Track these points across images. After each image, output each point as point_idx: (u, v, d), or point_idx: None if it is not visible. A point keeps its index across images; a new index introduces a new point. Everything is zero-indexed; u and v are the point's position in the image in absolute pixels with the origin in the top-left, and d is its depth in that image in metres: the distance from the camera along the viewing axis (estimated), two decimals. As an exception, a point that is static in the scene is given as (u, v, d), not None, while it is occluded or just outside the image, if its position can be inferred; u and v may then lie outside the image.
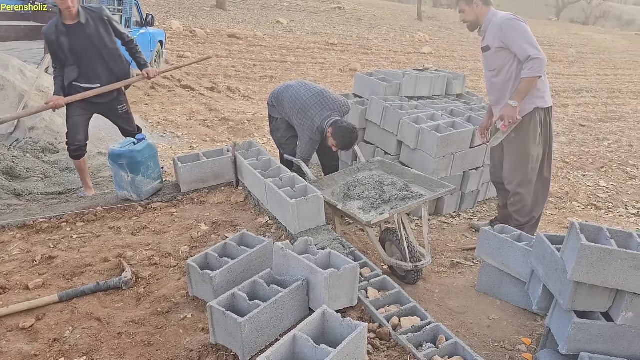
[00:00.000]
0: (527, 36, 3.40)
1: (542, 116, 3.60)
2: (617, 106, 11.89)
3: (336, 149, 3.77)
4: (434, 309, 2.93)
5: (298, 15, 20.09)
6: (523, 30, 3.42)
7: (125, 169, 3.80)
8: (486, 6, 3.59)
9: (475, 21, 3.64)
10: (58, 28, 3.92)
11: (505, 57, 3.52)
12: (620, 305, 2.35)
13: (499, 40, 3.48)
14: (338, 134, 3.62)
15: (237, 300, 2.33)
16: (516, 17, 3.49)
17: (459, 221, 4.55)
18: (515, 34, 3.42)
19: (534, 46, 3.39)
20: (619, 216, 5.14)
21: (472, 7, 3.59)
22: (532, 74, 3.37)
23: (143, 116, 7.65)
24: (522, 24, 3.45)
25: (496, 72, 3.62)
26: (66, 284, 2.80)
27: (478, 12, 3.60)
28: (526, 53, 3.37)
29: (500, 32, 3.46)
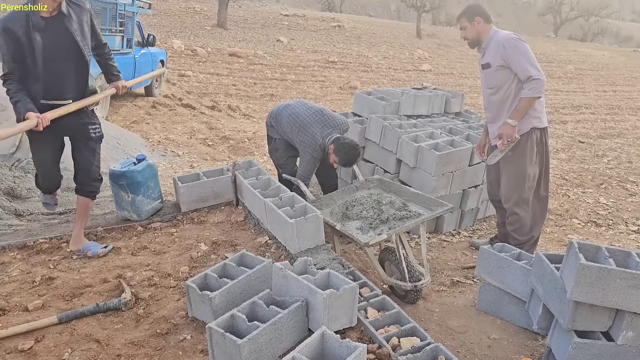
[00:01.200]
0: (529, 57, 3.44)
1: (538, 136, 3.63)
2: (616, 122, 11.94)
3: (337, 165, 3.80)
4: (434, 329, 2.92)
5: (298, 33, 20.31)
6: (525, 50, 3.46)
7: (125, 189, 3.82)
8: (487, 24, 3.63)
9: (476, 38, 3.67)
10: (31, 21, 2.96)
11: (506, 76, 3.55)
12: (621, 325, 2.35)
13: (501, 58, 3.51)
14: (340, 151, 3.65)
15: (236, 322, 2.33)
16: (519, 37, 3.53)
17: (459, 239, 4.55)
18: (518, 54, 3.45)
19: (536, 67, 3.43)
20: (619, 233, 5.13)
21: (474, 24, 3.63)
22: (532, 94, 3.41)
23: (144, 135, 7.70)
24: (525, 44, 3.49)
25: (495, 90, 3.65)
26: (65, 305, 2.80)
27: (479, 29, 3.63)
28: (528, 73, 3.41)
29: (502, 50, 3.49)
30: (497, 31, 3.62)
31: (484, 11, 3.64)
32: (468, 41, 3.73)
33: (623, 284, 2.26)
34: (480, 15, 3.61)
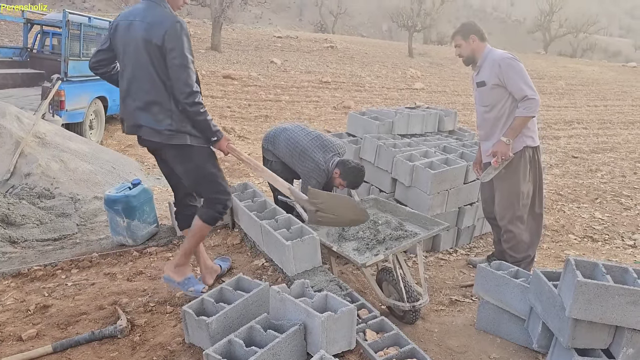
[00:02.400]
0: (524, 76, 3.48)
1: (530, 154, 3.65)
2: (608, 137, 12.04)
3: (343, 188, 3.84)
4: (433, 349, 2.89)
5: (292, 54, 20.49)
6: (520, 70, 3.50)
7: (120, 214, 3.81)
8: (482, 42, 3.67)
9: (471, 56, 3.70)
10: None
11: (501, 95, 3.58)
12: (621, 342, 2.34)
13: (496, 77, 3.53)
14: (348, 174, 3.72)
15: (234, 347, 2.30)
16: (514, 56, 3.56)
17: (456, 257, 4.54)
18: (513, 73, 3.49)
19: (530, 87, 3.47)
20: (615, 248, 5.14)
21: (469, 42, 3.66)
22: (527, 114, 3.45)
23: (139, 159, 7.70)
24: (520, 64, 3.53)
25: (489, 108, 3.67)
26: (60, 334, 2.77)
27: (474, 47, 3.66)
28: (523, 93, 3.45)
29: (498, 69, 3.52)
30: (492, 49, 3.66)
31: (479, 29, 3.68)
32: (463, 59, 3.76)
33: (621, 300, 2.26)
34: (475, 34, 3.65)
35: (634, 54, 56.55)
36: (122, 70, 2.84)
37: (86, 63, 8.10)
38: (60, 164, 5.54)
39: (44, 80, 7.96)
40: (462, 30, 3.70)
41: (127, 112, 2.83)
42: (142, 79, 2.71)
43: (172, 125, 2.72)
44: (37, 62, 9.11)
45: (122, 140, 8.75)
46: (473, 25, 3.72)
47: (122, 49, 2.78)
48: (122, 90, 2.83)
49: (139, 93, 2.74)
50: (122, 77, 2.83)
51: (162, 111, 2.71)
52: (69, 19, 7.18)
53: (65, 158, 5.66)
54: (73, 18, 7.42)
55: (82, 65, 7.65)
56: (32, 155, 5.42)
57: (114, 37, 2.82)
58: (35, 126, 5.77)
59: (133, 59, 2.72)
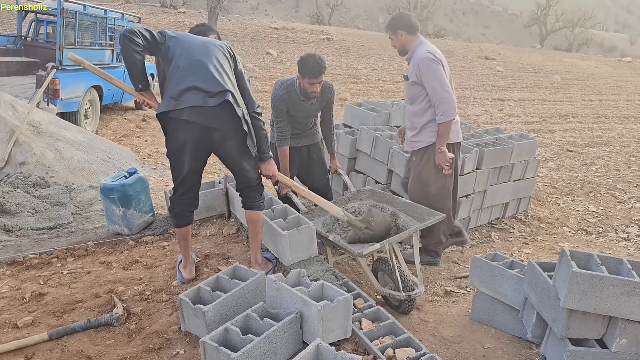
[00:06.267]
0: (440, 78, 3.51)
1: (450, 151, 3.72)
2: (603, 131, 12.08)
3: (314, 86, 3.67)
4: (428, 339, 2.91)
5: (288, 46, 20.40)
6: (436, 71, 3.52)
7: (117, 203, 3.79)
8: (411, 35, 3.68)
9: (402, 49, 3.75)
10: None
11: (419, 92, 3.66)
12: (614, 332, 2.36)
13: (415, 76, 3.61)
14: (304, 67, 3.61)
15: (230, 335, 2.31)
16: (434, 57, 3.56)
17: (451, 248, 4.55)
18: (429, 75, 3.52)
19: (444, 89, 3.51)
20: (609, 241, 5.17)
21: (397, 37, 3.71)
22: (445, 119, 3.54)
23: (135, 149, 7.67)
24: (437, 66, 3.53)
25: (410, 102, 3.78)
26: (56, 322, 2.76)
27: (403, 42, 3.71)
28: (436, 95, 3.52)
29: (417, 69, 3.58)
30: (421, 44, 3.66)
31: (407, 23, 3.68)
32: (397, 50, 3.82)
33: (616, 291, 2.28)
34: (402, 29, 3.67)
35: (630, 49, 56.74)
36: None
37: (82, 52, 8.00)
38: (56, 153, 5.51)
39: (39, 68, 7.90)
40: (391, 25, 3.74)
41: None
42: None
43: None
44: (31, 50, 9.03)
45: (117, 130, 8.71)
46: (401, 19, 3.73)
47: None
48: None
49: None
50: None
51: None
52: (64, 7, 7.11)
53: (60, 147, 5.63)
54: (68, 6, 7.35)
55: (77, 53, 7.58)
56: (27, 144, 5.39)
57: None
58: (30, 115, 5.73)
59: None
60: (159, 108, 2.79)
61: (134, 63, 2.79)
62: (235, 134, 2.83)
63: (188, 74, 2.77)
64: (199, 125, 2.74)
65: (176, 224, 3.07)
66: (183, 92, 2.73)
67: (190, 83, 2.74)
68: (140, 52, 2.77)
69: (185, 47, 2.87)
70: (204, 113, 2.72)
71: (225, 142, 2.84)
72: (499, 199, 5.19)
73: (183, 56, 2.83)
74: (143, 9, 23.65)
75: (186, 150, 2.81)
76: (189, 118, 2.71)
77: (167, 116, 2.76)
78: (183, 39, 2.92)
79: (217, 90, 2.74)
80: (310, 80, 3.61)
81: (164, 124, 2.81)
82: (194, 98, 2.71)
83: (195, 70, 2.78)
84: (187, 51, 2.85)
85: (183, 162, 2.85)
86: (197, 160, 2.90)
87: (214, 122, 2.75)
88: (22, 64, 8.63)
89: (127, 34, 2.75)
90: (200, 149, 2.85)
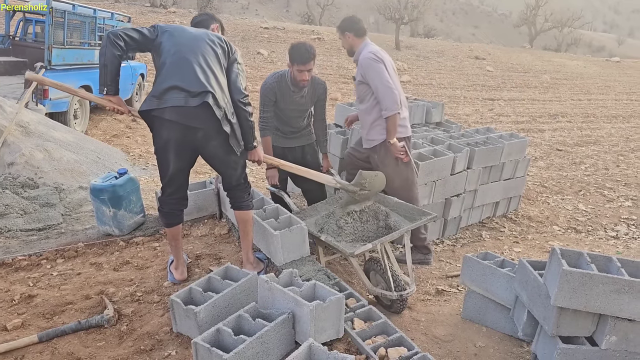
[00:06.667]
0: (381, 75, 3.62)
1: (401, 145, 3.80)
2: (591, 130, 12.19)
3: (303, 74, 3.63)
4: (420, 338, 2.92)
5: (278, 46, 20.37)
6: (378, 69, 3.63)
7: (107, 204, 3.77)
8: (358, 37, 3.80)
9: (350, 50, 3.87)
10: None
11: (366, 90, 3.76)
12: (604, 330, 2.38)
13: (361, 75, 3.73)
14: (292, 54, 3.60)
15: (222, 336, 2.30)
16: (376, 56, 3.66)
17: (442, 248, 4.58)
18: (372, 73, 3.63)
19: (386, 85, 3.62)
20: (598, 239, 5.22)
21: (345, 38, 3.83)
22: (389, 113, 3.63)
23: (125, 149, 7.62)
24: (379, 64, 3.64)
25: (359, 101, 3.90)
26: (46, 324, 2.74)
27: (351, 43, 3.82)
28: (378, 92, 3.63)
29: (362, 69, 3.70)
30: (366, 46, 3.77)
31: (355, 25, 3.81)
32: (347, 51, 3.93)
33: (605, 288, 2.30)
34: (349, 31, 3.79)
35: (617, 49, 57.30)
36: None
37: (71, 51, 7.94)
38: (44, 153, 5.45)
39: (27, 68, 7.82)
40: (340, 26, 3.87)
41: None
42: None
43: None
44: (19, 50, 8.94)
45: (107, 130, 8.65)
46: (349, 21, 3.85)
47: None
48: None
49: None
50: None
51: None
52: (52, 6, 7.05)
53: (49, 147, 5.58)
54: (57, 5, 7.29)
55: (66, 53, 7.53)
56: (15, 145, 5.33)
57: None
58: (18, 115, 5.67)
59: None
60: (141, 106, 2.77)
61: (105, 65, 2.76)
62: (218, 133, 2.81)
63: (172, 72, 2.75)
64: (180, 124, 2.72)
65: (166, 224, 3.05)
66: (165, 91, 2.71)
67: (172, 82, 2.72)
68: (118, 55, 2.75)
69: (174, 42, 2.84)
70: (184, 113, 2.70)
71: (208, 142, 2.83)
72: (490, 197, 5.22)
73: (171, 52, 2.81)
74: (132, 8, 23.48)
75: (170, 148, 2.80)
76: (170, 117, 2.70)
77: (150, 114, 2.75)
78: (174, 33, 2.88)
79: (198, 91, 2.71)
80: (299, 66, 3.60)
81: (149, 121, 2.80)
82: (176, 98, 2.70)
83: (179, 68, 2.76)
84: (175, 46, 2.82)
85: (168, 160, 2.85)
86: (182, 159, 2.88)
87: (195, 122, 2.74)
88: (10, 63, 8.54)
89: (111, 35, 2.74)
90: (184, 148, 2.84)
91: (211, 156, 2.92)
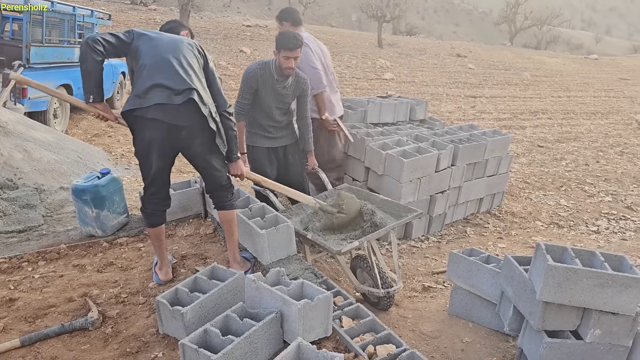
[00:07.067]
0: (307, 58, 4.00)
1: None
2: (571, 127, 12.37)
3: (290, 61, 3.60)
4: (408, 335, 2.93)
5: (261, 44, 20.26)
6: (305, 53, 3.95)
7: (89, 204, 3.71)
8: (295, 27, 4.08)
9: None
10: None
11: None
12: (588, 323, 2.41)
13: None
14: (279, 41, 3.59)
15: (210, 337, 2.28)
16: (305, 42, 3.92)
17: (428, 244, 4.60)
18: (302, 56, 3.86)
19: (311, 66, 4.02)
20: (580, 234, 5.30)
21: (283, 27, 4.05)
22: (316, 91, 4.08)
23: (107, 148, 7.52)
24: (306, 48, 3.97)
25: None
26: (28, 328, 2.68)
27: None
28: (306, 73, 3.89)
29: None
30: (301, 33, 3.99)
31: (292, 15, 4.15)
32: None
33: (589, 282, 2.33)
34: (286, 20, 4.11)
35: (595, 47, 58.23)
36: None
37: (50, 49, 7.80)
38: (24, 153, 5.35)
39: (4, 67, 7.66)
40: (279, 16, 4.19)
41: None
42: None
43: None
44: (0, 48, 8.75)
45: (88, 129, 8.52)
46: (287, 12, 4.21)
47: None
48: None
49: None
50: None
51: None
52: (30, 3, 6.91)
53: (28, 147, 5.48)
54: (35, 2, 7.15)
55: (45, 51, 7.40)
56: (-7, 145, 5.22)
57: None
58: (-4, 114, 5.56)
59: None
60: (124, 106, 2.73)
61: (88, 72, 2.72)
62: (202, 131, 2.78)
63: (154, 72, 2.72)
64: (164, 123, 2.69)
65: (149, 224, 3.02)
66: (148, 90, 2.67)
67: (155, 80, 2.69)
68: (99, 61, 2.71)
69: (152, 45, 2.81)
70: (169, 110, 2.67)
71: (193, 141, 2.80)
72: (474, 194, 5.26)
73: (150, 54, 2.77)
74: (112, 5, 23.15)
75: (152, 149, 2.76)
76: (154, 116, 2.66)
77: (132, 115, 2.70)
78: (151, 37, 2.86)
79: (182, 88, 2.69)
80: (286, 53, 3.57)
81: (130, 123, 2.75)
82: (159, 95, 2.66)
83: (161, 67, 2.73)
84: (154, 49, 2.79)
85: (150, 161, 2.80)
86: (164, 159, 2.85)
87: (179, 120, 2.70)
88: (-12, 62, 8.35)
89: (89, 40, 2.70)
90: (167, 148, 2.80)
91: (195, 156, 2.89)
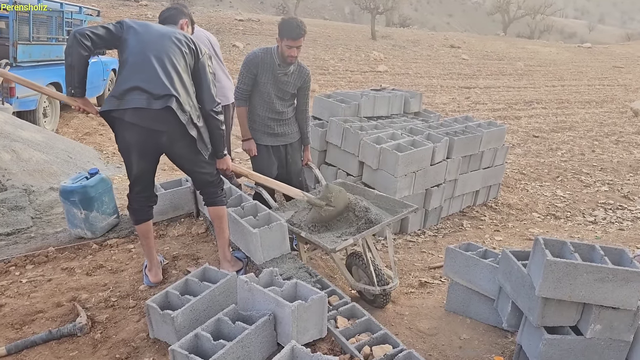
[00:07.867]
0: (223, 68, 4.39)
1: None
2: (566, 116, 12.33)
3: (292, 50, 3.54)
4: (404, 333, 2.87)
5: (254, 38, 20.12)
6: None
7: (77, 206, 3.62)
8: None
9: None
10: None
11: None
12: (588, 319, 2.36)
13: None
14: (283, 27, 3.49)
15: (201, 341, 2.21)
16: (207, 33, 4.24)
17: (424, 239, 4.55)
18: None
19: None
20: (577, 224, 5.26)
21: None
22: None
23: (98, 147, 7.41)
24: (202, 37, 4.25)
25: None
26: (15, 334, 2.61)
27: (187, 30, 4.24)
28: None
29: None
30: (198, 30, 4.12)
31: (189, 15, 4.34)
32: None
33: (589, 277, 2.28)
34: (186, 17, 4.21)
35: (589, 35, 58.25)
36: None
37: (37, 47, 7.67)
38: (12, 154, 5.25)
39: (-9, 66, 7.53)
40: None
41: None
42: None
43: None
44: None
45: (78, 128, 8.41)
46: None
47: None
48: None
49: None
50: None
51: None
52: (15, 0, 6.78)
53: (17, 148, 5.37)
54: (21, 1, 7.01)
55: (32, 49, 7.27)
56: (-20, 146, 5.12)
57: None
58: (-18, 115, 5.45)
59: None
60: (102, 106, 2.65)
61: (72, 66, 2.62)
62: (183, 136, 2.71)
63: (134, 72, 2.63)
64: (143, 127, 2.61)
65: (135, 220, 2.97)
66: (126, 92, 2.59)
67: (134, 82, 2.60)
68: (85, 56, 2.61)
69: (139, 40, 2.71)
70: (146, 115, 2.59)
71: (174, 144, 2.73)
72: (470, 186, 5.21)
73: (134, 50, 2.68)
74: (103, 1, 22.92)
75: (132, 151, 2.69)
76: (132, 120, 2.58)
77: (110, 115, 2.63)
78: (139, 30, 2.75)
79: (161, 93, 2.59)
80: (289, 42, 3.48)
81: (110, 122, 2.68)
82: (137, 99, 2.57)
83: (142, 68, 2.63)
84: (138, 44, 2.69)
85: (132, 162, 2.75)
86: (146, 161, 2.79)
87: (158, 125, 2.63)
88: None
89: (77, 34, 2.60)
90: (148, 150, 2.74)
91: (178, 156, 2.84)
